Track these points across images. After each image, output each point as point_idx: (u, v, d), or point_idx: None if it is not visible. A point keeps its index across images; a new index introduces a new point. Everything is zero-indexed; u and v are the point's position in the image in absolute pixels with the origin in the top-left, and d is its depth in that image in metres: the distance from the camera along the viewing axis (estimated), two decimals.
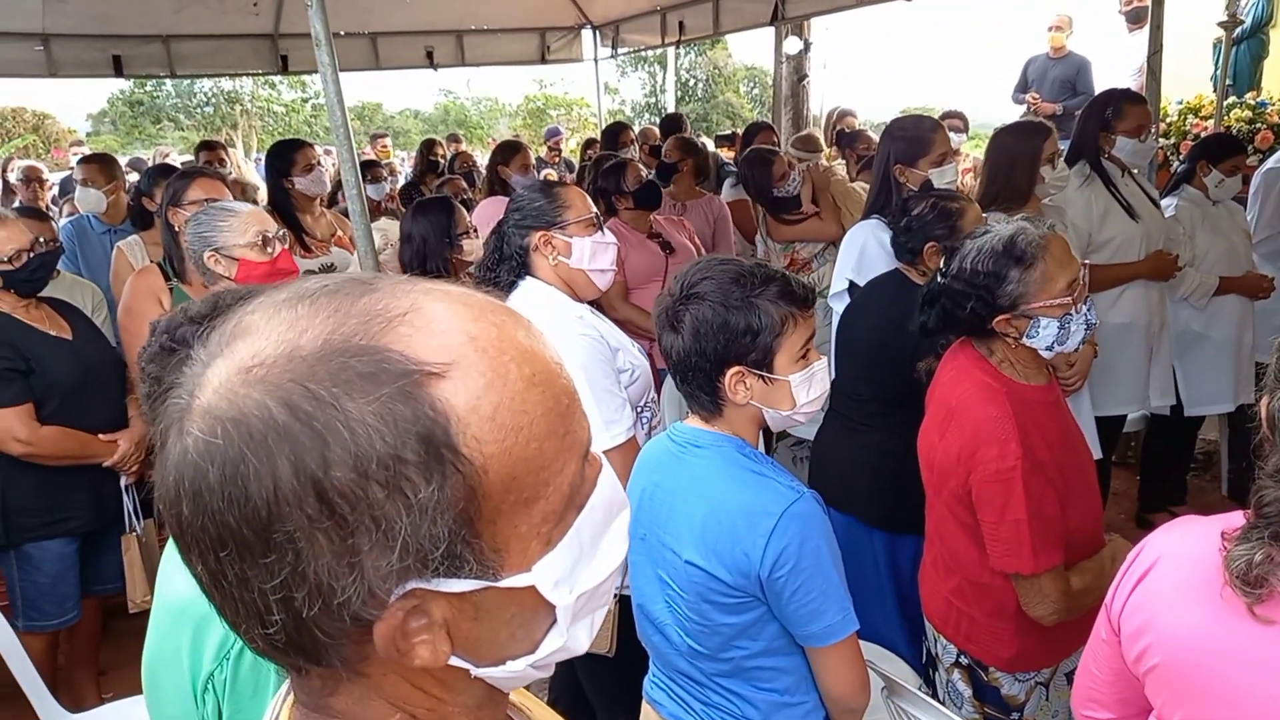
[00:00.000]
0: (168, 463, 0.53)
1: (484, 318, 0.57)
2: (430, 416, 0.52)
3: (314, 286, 0.56)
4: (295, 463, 0.50)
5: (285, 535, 0.50)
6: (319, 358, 0.52)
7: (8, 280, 2.66)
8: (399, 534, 0.51)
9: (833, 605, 1.46)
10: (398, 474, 0.51)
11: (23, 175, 5.97)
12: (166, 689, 1.16)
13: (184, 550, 0.55)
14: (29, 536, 2.73)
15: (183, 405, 0.54)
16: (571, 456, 0.59)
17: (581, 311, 2.19)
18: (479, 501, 0.53)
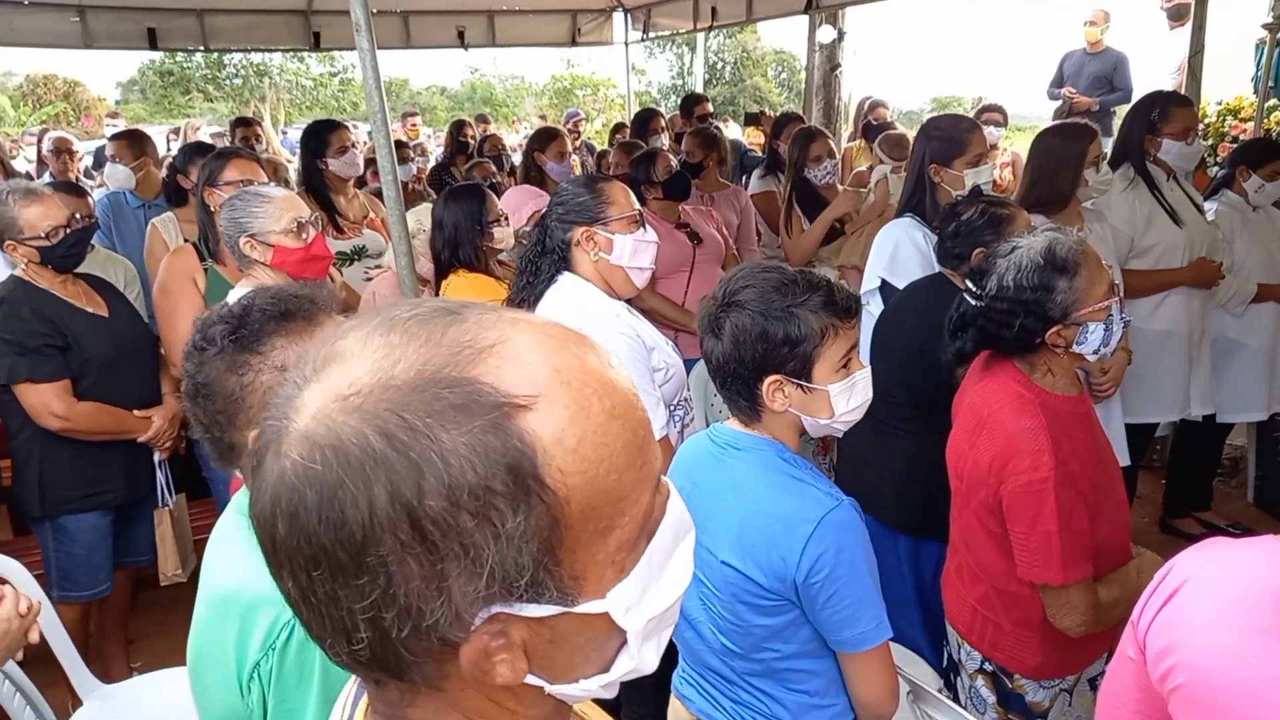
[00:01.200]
0: (265, 483, 0.55)
1: (567, 350, 0.58)
2: (518, 448, 0.53)
3: (404, 314, 0.58)
4: (391, 490, 0.51)
5: (378, 559, 0.52)
6: (413, 388, 0.53)
7: (45, 256, 2.70)
8: (487, 561, 0.53)
9: (867, 613, 1.46)
10: (487, 504, 0.52)
11: (53, 146, 6.00)
12: (212, 679, 1.18)
13: (274, 566, 0.57)
14: (65, 509, 2.78)
15: (279, 428, 0.55)
16: (646, 487, 0.60)
17: (619, 310, 2.19)
18: (561, 531, 0.55)
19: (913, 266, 2.95)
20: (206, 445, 1.26)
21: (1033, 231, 1.91)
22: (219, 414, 1.21)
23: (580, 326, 1.90)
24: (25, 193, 2.67)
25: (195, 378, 1.21)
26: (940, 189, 3.02)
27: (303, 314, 1.23)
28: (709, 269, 3.85)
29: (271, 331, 1.21)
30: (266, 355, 1.20)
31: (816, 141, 4.17)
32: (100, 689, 2.50)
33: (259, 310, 1.21)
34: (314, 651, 1.10)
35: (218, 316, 1.22)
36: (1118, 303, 1.85)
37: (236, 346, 1.19)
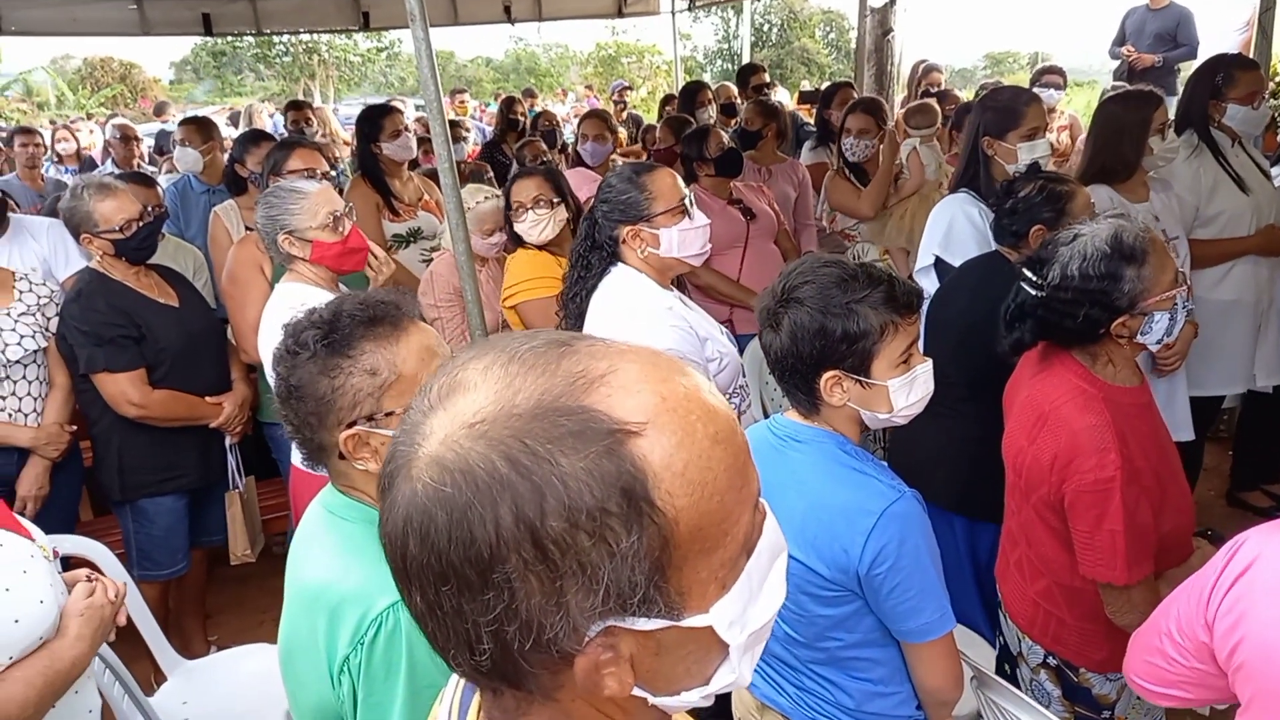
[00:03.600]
0: (396, 503, 0.59)
1: (672, 378, 0.62)
2: (630, 473, 0.57)
3: (520, 347, 0.62)
4: (516, 511, 0.55)
5: (503, 576, 0.56)
6: (533, 415, 0.57)
7: (119, 249, 2.79)
8: (602, 579, 0.57)
9: (930, 603, 1.47)
10: (603, 524, 0.56)
11: (118, 133, 6.16)
12: (304, 670, 1.24)
13: (402, 580, 0.61)
14: (143, 493, 2.90)
15: (408, 453, 0.60)
16: (746, 508, 0.64)
17: (671, 302, 2.20)
18: (670, 550, 0.58)
19: (968, 243, 2.90)
20: (296, 444, 1.32)
21: (1095, 218, 1.85)
22: (310, 415, 1.26)
23: (633, 320, 1.92)
24: (100, 187, 2.76)
25: (288, 380, 1.26)
26: (994, 163, 2.97)
27: (389, 319, 1.28)
28: (763, 244, 3.84)
29: (361, 336, 1.26)
30: (356, 359, 1.25)
31: (853, 115, 4.12)
32: (183, 665, 2.61)
33: (348, 315, 1.26)
34: (400, 647, 1.15)
35: (309, 322, 1.27)
36: (1183, 291, 1.80)
37: (328, 351, 1.25)
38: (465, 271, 2.92)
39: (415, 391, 1.24)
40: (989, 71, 36.94)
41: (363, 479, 1.31)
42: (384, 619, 1.17)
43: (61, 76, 23.27)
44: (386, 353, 1.26)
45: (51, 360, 2.87)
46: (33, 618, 1.53)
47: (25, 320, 2.80)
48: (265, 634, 3.50)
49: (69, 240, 3.54)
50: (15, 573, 1.52)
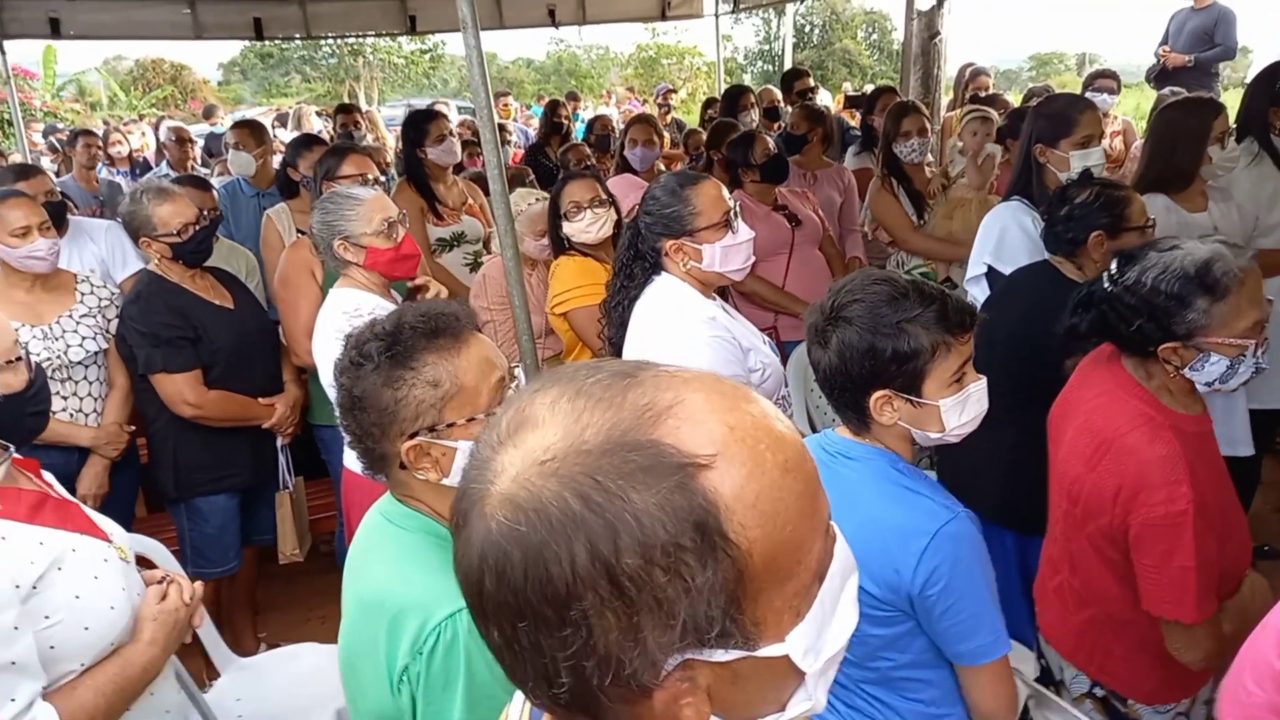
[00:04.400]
0: (472, 541, 0.60)
1: (738, 407, 0.62)
2: (703, 506, 0.57)
3: (586, 381, 0.62)
4: (591, 549, 0.56)
5: (580, 612, 0.56)
6: (603, 451, 0.58)
7: (177, 251, 2.85)
8: (679, 614, 0.57)
9: (985, 626, 1.46)
10: (678, 560, 0.56)
11: (173, 135, 6.28)
12: (365, 678, 1.26)
13: (479, 615, 0.62)
14: (198, 491, 2.96)
15: (481, 490, 0.60)
16: (818, 535, 0.64)
17: (714, 312, 2.20)
18: (744, 583, 0.58)
19: (1020, 252, 2.87)
20: (357, 453, 1.34)
21: (1205, 238, 1.77)
22: (373, 425, 1.28)
23: (675, 331, 1.91)
24: (159, 191, 2.83)
25: (351, 391, 1.28)
26: (1046, 171, 2.93)
27: (450, 331, 1.30)
28: (808, 251, 3.82)
29: (423, 348, 1.28)
30: (419, 371, 1.27)
31: (908, 117, 4.06)
32: (236, 662, 2.66)
33: (410, 328, 1.28)
34: (459, 657, 1.17)
35: (372, 333, 1.29)
36: (1258, 345, 1.71)
37: (391, 362, 1.27)
38: (513, 277, 2.94)
39: (474, 403, 1.27)
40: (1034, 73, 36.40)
41: (422, 488, 1.33)
42: (443, 629, 1.18)
43: (114, 77, 23.79)
44: (448, 365, 1.28)
45: (111, 361, 2.94)
46: (102, 624, 1.55)
47: (87, 322, 2.88)
48: (312, 631, 3.55)
49: (126, 242, 3.64)
50: (87, 578, 1.54)
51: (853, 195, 4.40)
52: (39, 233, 2.81)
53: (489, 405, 1.31)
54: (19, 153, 7.43)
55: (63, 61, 18.98)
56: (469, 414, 1.29)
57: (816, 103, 5.21)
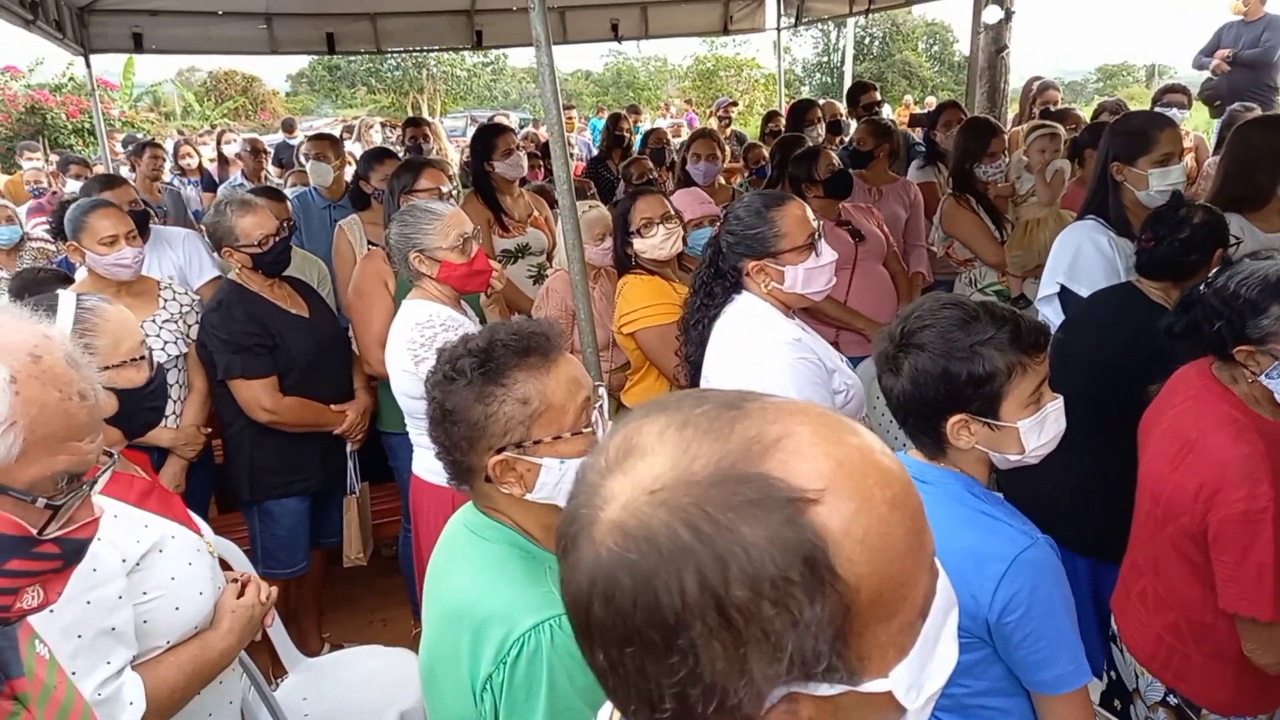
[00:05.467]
0: (580, 565, 0.61)
1: (845, 440, 0.63)
2: (812, 542, 0.57)
3: (693, 411, 0.63)
4: (700, 579, 0.56)
5: (688, 641, 0.57)
6: (712, 483, 0.58)
7: (256, 261, 2.94)
8: (787, 647, 0.57)
9: (1064, 654, 1.43)
10: (786, 594, 0.57)
11: (248, 147, 6.48)
12: (447, 685, 1.29)
13: (585, 638, 0.63)
14: (270, 494, 3.04)
15: (589, 516, 0.62)
16: (924, 570, 0.64)
17: (798, 334, 2.19)
18: (851, 618, 0.59)
19: (1095, 273, 2.81)
20: (444, 464, 1.37)
21: None
22: (462, 439, 1.31)
23: (759, 351, 1.91)
24: (241, 203, 2.93)
25: (443, 404, 1.32)
26: (1123, 189, 2.87)
27: (540, 350, 1.33)
28: (871, 266, 3.80)
29: (514, 365, 1.31)
30: (510, 387, 1.30)
31: (996, 138, 3.98)
32: (303, 662, 2.73)
33: (502, 345, 1.31)
34: (542, 668, 1.19)
35: (465, 349, 1.32)
36: None
37: (483, 378, 1.30)
38: (580, 290, 2.98)
39: (561, 421, 1.29)
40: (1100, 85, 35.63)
41: (506, 502, 1.36)
42: (526, 640, 1.20)
43: (188, 88, 24.59)
44: (538, 383, 1.31)
45: (191, 365, 3.04)
46: (191, 607, 1.64)
47: (169, 327, 2.98)
48: (374, 633, 3.63)
49: (203, 250, 3.77)
50: (182, 564, 1.64)
51: (918, 211, 4.36)
52: (125, 241, 2.93)
53: (575, 424, 1.33)
54: (101, 162, 7.72)
55: (139, 73, 19.69)
56: (555, 432, 1.31)
57: (883, 117, 5.17)
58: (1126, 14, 40.22)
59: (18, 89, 18.30)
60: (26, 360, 0.85)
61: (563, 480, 1.32)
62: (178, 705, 1.61)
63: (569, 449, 1.33)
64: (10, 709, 0.95)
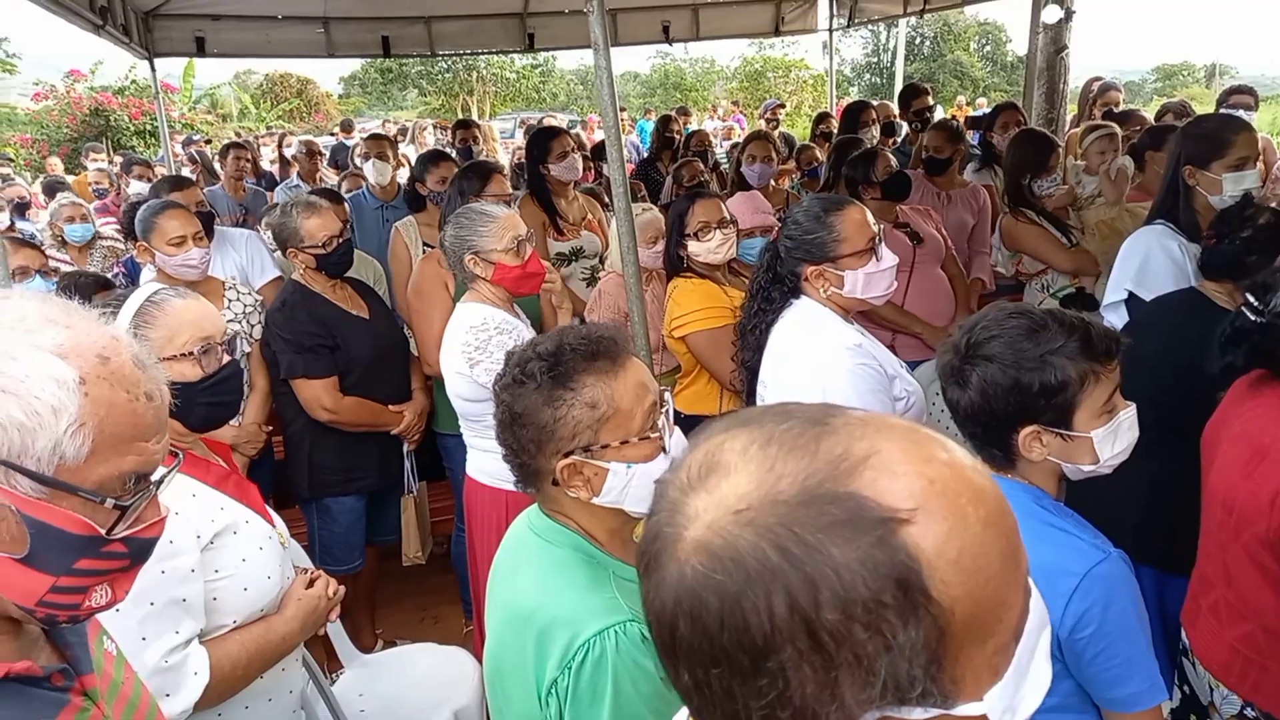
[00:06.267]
0: (664, 584, 0.60)
1: (935, 458, 0.61)
2: (905, 564, 0.56)
3: (777, 428, 0.62)
4: (790, 602, 0.55)
5: (777, 664, 0.56)
6: (799, 502, 0.57)
7: (320, 262, 2.99)
8: (879, 672, 0.56)
9: (1139, 671, 1.40)
10: (879, 617, 0.55)
11: (304, 149, 6.60)
12: (512, 688, 1.30)
13: (669, 658, 0.62)
14: (329, 492, 3.09)
15: (673, 534, 0.61)
16: (1018, 591, 0.62)
17: (859, 339, 2.17)
18: (946, 641, 0.57)
19: (1164, 278, 2.74)
20: (511, 467, 1.38)
21: None
22: (530, 441, 1.32)
23: (819, 357, 1.89)
24: (306, 205, 2.98)
25: (512, 407, 1.33)
26: (1195, 194, 2.79)
27: (608, 354, 1.33)
28: (929, 270, 3.75)
29: (583, 370, 1.31)
30: (578, 391, 1.30)
31: (1055, 152, 3.88)
32: (359, 657, 2.76)
33: (571, 349, 1.31)
34: (607, 674, 1.19)
35: (534, 353, 1.33)
36: None
37: (552, 382, 1.30)
38: (634, 293, 2.98)
39: (628, 426, 1.29)
40: (1159, 85, 34.81)
41: (572, 506, 1.36)
42: (591, 645, 1.21)
43: (244, 91, 25.12)
44: (606, 387, 1.31)
45: (254, 364, 3.10)
46: (259, 589, 1.68)
47: (232, 326, 3.04)
48: (426, 630, 3.67)
49: (264, 251, 3.84)
50: (253, 548, 1.68)
51: (985, 216, 4.28)
52: (193, 242, 3.00)
53: (642, 429, 1.33)
54: (163, 164, 7.92)
55: (198, 76, 20.17)
56: (622, 437, 1.31)
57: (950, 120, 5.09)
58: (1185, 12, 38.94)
59: (81, 91, 18.85)
60: (95, 362, 0.87)
61: (629, 485, 1.33)
62: (239, 683, 1.65)
63: (636, 454, 1.33)
64: (81, 704, 0.97)
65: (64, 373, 0.84)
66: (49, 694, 0.94)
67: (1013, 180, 3.94)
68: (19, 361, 0.83)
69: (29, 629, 0.97)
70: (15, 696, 0.89)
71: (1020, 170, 3.88)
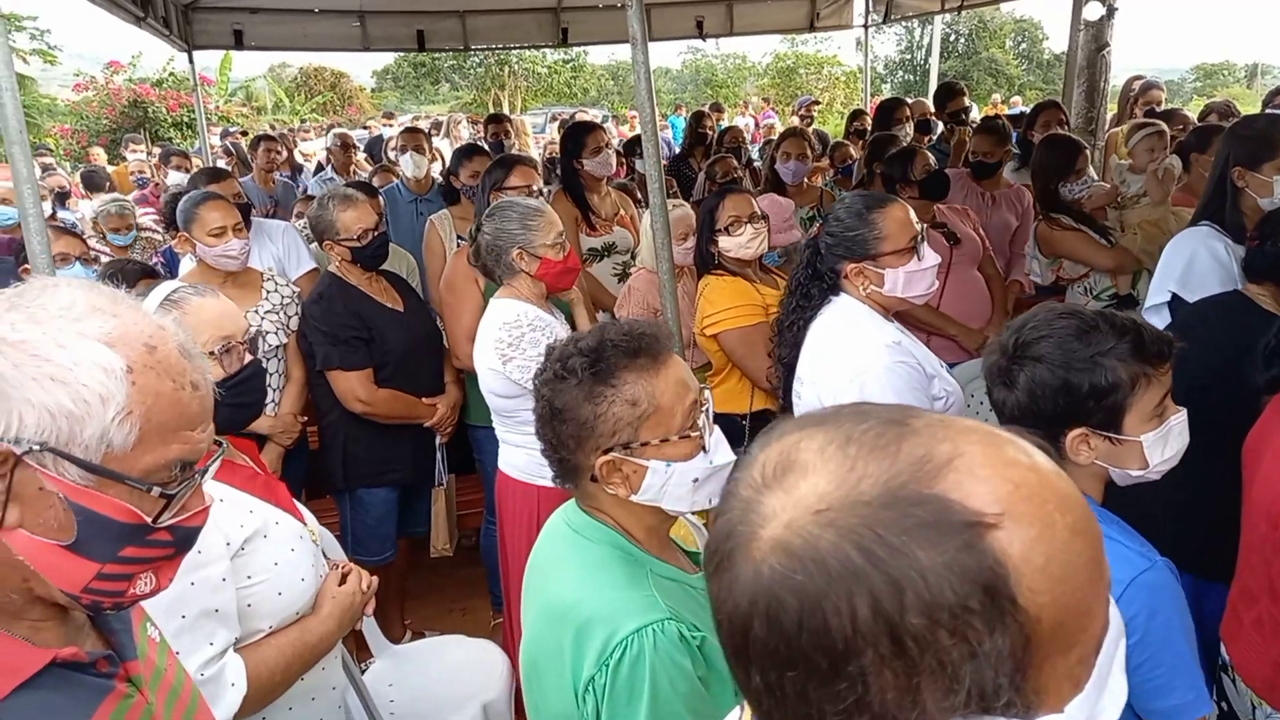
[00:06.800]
0: (738, 583, 0.59)
1: (1019, 461, 0.60)
2: (992, 569, 0.55)
3: (856, 428, 0.61)
4: (873, 605, 0.54)
5: (858, 668, 0.55)
6: (882, 504, 0.56)
7: (356, 255, 3.01)
8: (964, 679, 0.55)
9: (1183, 682, 1.37)
10: (964, 623, 0.54)
11: (338, 142, 6.65)
12: (549, 683, 1.30)
13: (740, 660, 0.61)
14: (362, 483, 3.12)
15: (746, 532, 0.60)
16: (1103, 601, 0.61)
17: (898, 337, 2.15)
18: (1031, 650, 0.56)
19: (1210, 281, 2.69)
20: (550, 462, 1.38)
21: None
22: (570, 437, 1.32)
23: (858, 354, 1.87)
24: (343, 198, 3.00)
25: (552, 403, 1.32)
26: (1244, 195, 2.74)
27: (649, 351, 1.32)
28: (965, 270, 3.70)
29: (624, 367, 1.30)
30: (619, 388, 1.30)
31: (1082, 154, 3.79)
32: (389, 648, 2.78)
33: (612, 345, 1.31)
34: (644, 673, 1.19)
35: (575, 349, 1.33)
36: None
37: (594, 378, 1.30)
38: (667, 290, 2.97)
39: (669, 424, 1.28)
40: (1199, 85, 34.19)
41: (610, 502, 1.36)
42: (629, 643, 1.20)
43: (279, 84, 25.35)
44: (647, 384, 1.30)
45: (290, 355, 3.13)
46: (294, 592, 1.67)
47: (270, 317, 3.07)
48: (454, 622, 3.69)
49: (300, 243, 3.88)
50: (285, 550, 1.67)
51: (1028, 218, 4.20)
52: (233, 233, 3.02)
53: (682, 427, 1.32)
54: (200, 155, 8.02)
55: (233, 68, 20.39)
56: (663, 434, 1.31)
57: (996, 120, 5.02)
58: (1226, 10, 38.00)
59: (120, 83, 19.13)
60: (142, 350, 0.87)
61: (668, 483, 1.32)
62: (279, 688, 1.64)
63: (675, 452, 1.32)
64: (125, 691, 0.98)
65: (112, 361, 0.85)
66: (94, 680, 0.94)
67: (1042, 186, 3.85)
68: (67, 350, 0.83)
69: (75, 615, 0.98)
70: (61, 683, 0.90)
71: (1048, 176, 3.81)
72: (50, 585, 0.88)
